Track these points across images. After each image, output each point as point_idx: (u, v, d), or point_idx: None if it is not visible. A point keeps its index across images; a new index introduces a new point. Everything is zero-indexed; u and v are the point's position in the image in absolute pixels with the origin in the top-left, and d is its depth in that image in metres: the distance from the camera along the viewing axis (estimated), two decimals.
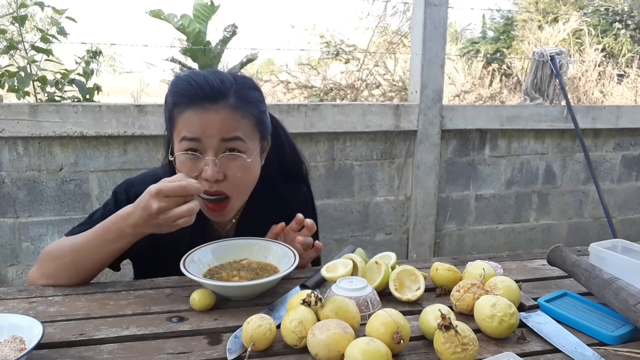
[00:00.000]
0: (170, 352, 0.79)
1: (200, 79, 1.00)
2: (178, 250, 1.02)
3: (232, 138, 1.00)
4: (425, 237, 2.89)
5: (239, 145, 1.01)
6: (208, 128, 0.98)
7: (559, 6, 7.87)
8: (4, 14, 3.54)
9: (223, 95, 0.99)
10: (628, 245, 1.09)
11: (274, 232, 1.12)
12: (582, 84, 5.55)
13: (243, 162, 1.01)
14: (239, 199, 1.07)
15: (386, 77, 4.58)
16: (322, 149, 2.65)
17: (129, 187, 1.14)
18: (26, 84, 2.46)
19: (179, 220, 0.90)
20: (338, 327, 0.76)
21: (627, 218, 3.33)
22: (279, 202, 1.20)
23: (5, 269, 2.35)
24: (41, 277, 1.04)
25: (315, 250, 1.10)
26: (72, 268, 1.01)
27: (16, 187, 2.29)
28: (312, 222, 1.06)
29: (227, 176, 1.01)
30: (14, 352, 0.73)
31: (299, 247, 1.07)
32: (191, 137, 0.98)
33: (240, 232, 1.17)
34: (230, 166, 1.01)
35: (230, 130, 0.99)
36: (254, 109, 1.04)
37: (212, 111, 0.98)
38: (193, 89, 0.99)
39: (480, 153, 2.94)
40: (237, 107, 1.00)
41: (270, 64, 5.71)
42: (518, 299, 0.91)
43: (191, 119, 0.98)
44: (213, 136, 0.98)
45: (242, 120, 1.01)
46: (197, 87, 0.99)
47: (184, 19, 2.65)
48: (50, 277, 1.03)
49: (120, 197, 1.13)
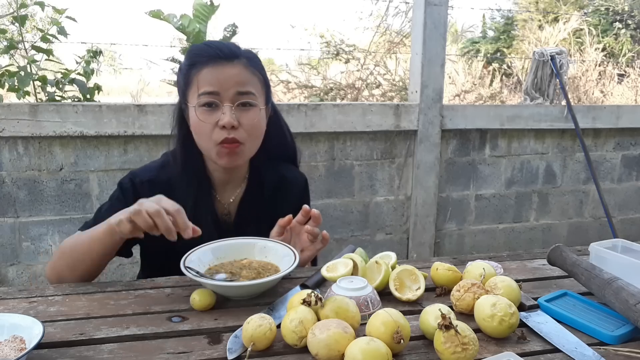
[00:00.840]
0: (171, 351, 0.79)
1: (217, 43, 1.13)
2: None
3: (246, 92, 1.10)
4: (426, 236, 2.89)
5: (251, 98, 1.11)
6: (226, 82, 1.08)
7: (559, 6, 7.87)
8: (4, 13, 3.54)
9: (237, 55, 1.10)
10: (628, 245, 1.09)
11: (281, 225, 1.12)
12: (583, 83, 5.55)
13: (255, 113, 1.12)
14: (249, 147, 1.14)
15: (386, 77, 4.58)
16: (322, 148, 2.65)
17: (134, 176, 1.19)
18: (26, 83, 2.46)
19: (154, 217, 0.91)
20: (338, 326, 0.76)
21: (627, 218, 3.33)
22: (280, 183, 1.26)
23: (6, 268, 2.36)
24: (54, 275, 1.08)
25: (322, 241, 1.11)
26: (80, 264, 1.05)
27: (16, 186, 2.29)
28: (318, 213, 1.09)
29: (241, 124, 1.09)
30: (14, 352, 0.73)
31: (305, 238, 1.10)
32: (210, 90, 1.08)
33: (242, 207, 1.22)
34: (244, 116, 1.10)
35: (245, 84, 1.10)
36: (262, 71, 1.16)
37: (228, 67, 1.09)
38: (212, 49, 1.10)
39: (481, 153, 2.94)
40: (248, 66, 1.11)
41: (270, 64, 5.71)
42: (518, 298, 0.91)
43: (210, 74, 1.08)
44: (230, 88, 1.08)
45: (254, 78, 1.12)
46: (215, 48, 1.10)
47: (183, 19, 2.64)
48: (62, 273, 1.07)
49: (126, 186, 1.17)
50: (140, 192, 1.12)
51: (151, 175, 1.18)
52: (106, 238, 1.01)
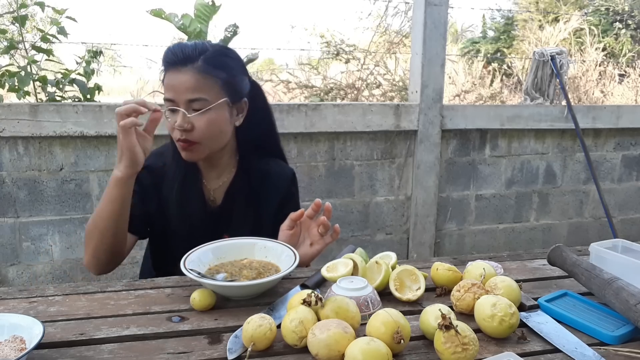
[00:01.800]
0: (171, 351, 0.79)
1: (177, 46, 1.16)
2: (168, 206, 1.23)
3: (196, 99, 1.14)
4: (426, 236, 2.89)
5: (203, 105, 1.14)
6: (177, 89, 1.14)
7: (560, 6, 7.87)
8: (4, 13, 3.54)
9: (191, 60, 1.13)
10: (628, 245, 1.09)
11: (292, 219, 1.14)
12: (583, 83, 5.55)
13: (208, 118, 1.15)
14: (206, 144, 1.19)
15: (386, 77, 4.58)
16: (322, 148, 2.65)
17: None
18: (26, 83, 2.46)
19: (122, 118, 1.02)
20: (338, 326, 0.76)
21: (628, 218, 3.33)
22: (267, 174, 1.31)
23: (6, 268, 2.36)
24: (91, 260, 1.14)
25: (332, 235, 1.13)
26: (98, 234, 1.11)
27: (16, 187, 2.29)
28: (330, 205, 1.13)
29: (195, 126, 1.15)
30: (14, 352, 0.73)
31: (315, 232, 1.12)
32: (168, 97, 1.16)
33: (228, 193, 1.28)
34: (198, 119, 1.15)
35: (195, 90, 1.13)
36: (220, 72, 1.16)
37: (180, 73, 1.13)
38: (169, 55, 1.15)
39: (481, 153, 2.94)
40: (202, 70, 1.14)
41: (270, 64, 5.70)
42: (518, 298, 0.91)
43: (167, 81, 1.16)
44: (181, 95, 1.13)
45: (207, 81, 1.14)
46: (172, 53, 1.15)
47: (185, 19, 2.64)
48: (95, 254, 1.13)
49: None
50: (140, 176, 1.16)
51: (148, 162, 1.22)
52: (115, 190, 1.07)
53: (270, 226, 1.26)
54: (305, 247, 1.14)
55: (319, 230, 1.11)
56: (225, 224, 1.27)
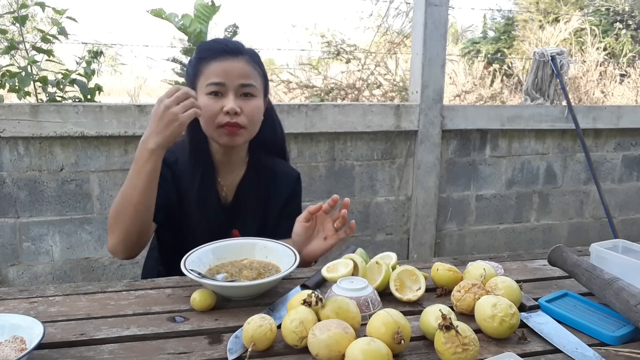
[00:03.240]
0: (171, 352, 0.79)
1: (224, 39, 1.30)
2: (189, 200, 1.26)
3: (248, 84, 1.23)
4: (426, 237, 2.89)
5: (252, 90, 1.24)
6: (230, 74, 1.21)
7: (560, 6, 7.86)
8: (4, 13, 3.54)
9: (241, 52, 1.25)
10: (629, 246, 1.09)
11: (310, 211, 1.16)
12: (583, 84, 5.54)
13: (255, 102, 1.25)
14: (249, 131, 1.26)
15: (387, 77, 4.58)
16: (322, 149, 2.65)
17: None
18: (27, 84, 2.46)
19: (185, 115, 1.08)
20: (339, 327, 0.76)
21: (628, 218, 3.33)
22: (274, 174, 1.38)
23: (6, 269, 2.36)
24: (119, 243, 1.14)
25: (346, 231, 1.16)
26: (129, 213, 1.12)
27: (17, 187, 2.29)
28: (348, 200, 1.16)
29: (243, 111, 1.22)
30: (14, 352, 0.73)
31: (330, 227, 1.15)
32: (217, 81, 1.21)
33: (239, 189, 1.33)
34: (246, 104, 1.23)
35: (247, 77, 1.23)
36: (262, 68, 1.29)
37: (234, 61, 1.22)
38: (219, 44, 1.25)
39: (481, 153, 2.94)
40: (250, 61, 1.25)
41: (271, 64, 5.70)
42: (519, 299, 0.90)
43: (217, 68, 1.21)
44: (234, 80, 1.21)
45: (254, 72, 1.25)
46: (222, 44, 1.25)
47: (185, 19, 2.64)
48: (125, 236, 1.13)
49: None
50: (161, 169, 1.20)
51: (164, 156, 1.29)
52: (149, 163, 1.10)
53: (273, 223, 1.33)
54: (319, 241, 1.16)
55: (335, 224, 1.14)
56: (236, 219, 1.31)
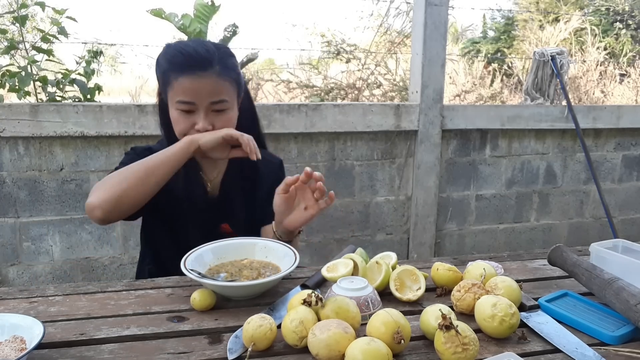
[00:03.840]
0: (171, 352, 0.79)
1: (190, 50, 1.18)
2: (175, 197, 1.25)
3: (219, 101, 1.20)
4: (426, 237, 2.89)
5: (224, 105, 1.21)
6: (200, 92, 1.17)
7: (560, 6, 7.86)
8: (4, 13, 3.54)
9: (210, 64, 1.18)
10: (629, 245, 1.09)
11: (286, 183, 1.15)
12: (583, 83, 5.54)
13: (226, 116, 1.23)
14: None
15: (387, 77, 4.58)
16: (322, 148, 2.65)
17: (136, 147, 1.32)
18: (27, 83, 2.46)
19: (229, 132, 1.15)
20: (339, 327, 0.76)
21: (628, 218, 3.33)
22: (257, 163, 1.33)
23: (6, 268, 2.36)
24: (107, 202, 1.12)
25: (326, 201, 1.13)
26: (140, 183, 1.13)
27: (17, 187, 2.29)
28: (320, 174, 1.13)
29: (215, 127, 1.21)
30: (14, 352, 0.73)
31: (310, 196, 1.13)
32: (187, 100, 1.18)
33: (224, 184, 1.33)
34: (218, 119, 1.21)
35: (218, 94, 1.19)
36: (233, 73, 1.23)
37: (203, 78, 1.17)
38: (185, 58, 1.18)
39: (481, 153, 2.94)
40: (221, 74, 1.19)
41: (271, 64, 5.70)
42: (519, 299, 0.90)
43: (185, 85, 1.17)
44: (204, 98, 1.18)
45: (225, 84, 1.20)
46: (188, 57, 1.17)
47: (184, 19, 2.64)
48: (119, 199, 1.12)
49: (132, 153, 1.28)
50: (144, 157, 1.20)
51: (151, 145, 1.30)
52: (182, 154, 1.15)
53: (261, 212, 1.32)
54: (299, 211, 1.15)
55: (315, 195, 1.13)
56: (224, 212, 1.31)
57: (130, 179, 1.13)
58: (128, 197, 1.13)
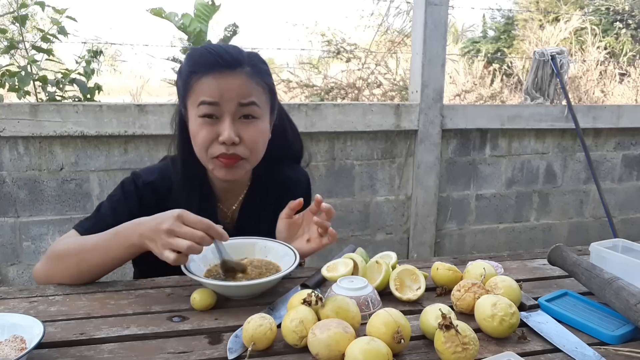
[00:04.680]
0: (171, 351, 0.79)
1: (219, 49, 1.05)
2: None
3: (249, 103, 1.04)
4: (426, 236, 2.89)
5: (254, 111, 1.05)
6: (227, 92, 1.02)
7: (560, 5, 7.86)
8: (4, 13, 3.54)
9: (240, 63, 1.04)
10: (629, 245, 1.09)
11: (290, 207, 1.11)
12: (583, 83, 5.55)
13: (257, 126, 1.06)
14: (251, 161, 1.10)
15: (387, 77, 4.58)
16: (322, 148, 2.65)
17: (137, 178, 1.14)
18: (27, 83, 2.46)
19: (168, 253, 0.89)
20: (339, 326, 0.76)
21: (628, 218, 3.33)
22: (283, 183, 1.23)
23: (6, 268, 2.36)
24: (44, 276, 1.04)
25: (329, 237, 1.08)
26: (75, 269, 1.02)
27: (17, 186, 2.29)
28: (329, 207, 1.06)
29: (243, 139, 1.05)
30: (14, 352, 0.73)
31: (315, 229, 1.08)
32: (210, 101, 1.02)
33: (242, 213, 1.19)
34: (246, 130, 1.05)
35: (247, 95, 1.03)
36: (267, 78, 1.09)
37: (230, 77, 1.02)
38: (212, 56, 1.03)
39: (481, 153, 2.94)
40: (252, 75, 1.04)
41: (271, 63, 5.71)
42: (519, 298, 0.90)
43: (210, 83, 1.02)
44: (231, 100, 1.02)
45: (257, 88, 1.06)
46: (217, 55, 1.03)
47: (185, 18, 2.65)
48: (54, 276, 1.03)
49: (129, 188, 1.13)
50: (144, 195, 1.11)
51: (154, 178, 1.14)
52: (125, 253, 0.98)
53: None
54: (301, 242, 1.10)
55: (318, 230, 1.08)
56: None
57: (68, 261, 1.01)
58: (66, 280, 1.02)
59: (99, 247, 0.99)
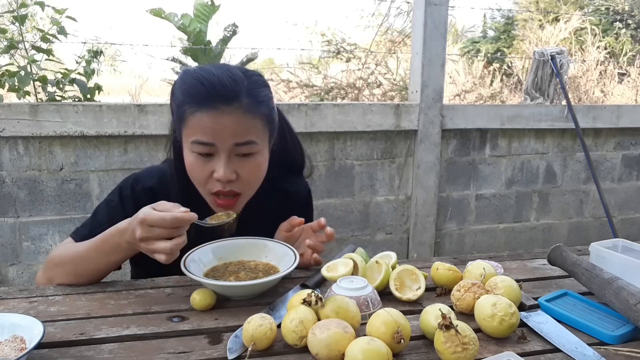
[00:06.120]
0: (171, 351, 0.79)
1: (213, 78, 0.97)
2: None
3: (245, 142, 0.99)
4: (426, 236, 2.89)
5: (251, 149, 1.00)
6: (221, 133, 0.97)
7: (560, 5, 7.86)
8: (4, 12, 3.54)
9: (236, 96, 0.97)
10: (628, 245, 1.09)
11: (291, 223, 1.10)
12: (583, 83, 5.55)
13: (255, 161, 1.03)
14: (248, 195, 1.08)
15: (387, 77, 4.58)
16: (322, 148, 2.65)
17: (136, 182, 1.13)
18: (26, 83, 2.47)
19: (157, 256, 0.89)
20: (338, 326, 0.76)
21: (628, 217, 3.33)
22: (282, 197, 1.21)
23: (6, 268, 2.36)
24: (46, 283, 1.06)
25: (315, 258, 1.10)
26: (73, 275, 1.03)
27: (17, 186, 2.29)
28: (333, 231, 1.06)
29: (239, 176, 1.01)
30: (14, 352, 0.73)
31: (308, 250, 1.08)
32: (205, 141, 0.97)
33: (241, 225, 1.17)
34: (243, 166, 1.01)
35: (244, 135, 0.98)
36: (265, 108, 1.02)
37: (226, 114, 0.96)
38: (205, 89, 0.96)
39: (481, 152, 2.94)
40: (249, 109, 0.98)
41: (270, 63, 5.70)
42: (518, 298, 0.90)
43: (204, 122, 0.96)
44: (227, 140, 0.97)
45: (254, 122, 1.00)
46: (210, 87, 0.96)
47: (184, 19, 2.65)
48: (54, 282, 1.05)
49: (126, 193, 1.12)
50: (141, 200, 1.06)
51: (153, 183, 1.12)
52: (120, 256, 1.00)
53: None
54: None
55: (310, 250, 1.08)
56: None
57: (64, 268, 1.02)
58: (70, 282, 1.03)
59: (91, 254, 1.00)
